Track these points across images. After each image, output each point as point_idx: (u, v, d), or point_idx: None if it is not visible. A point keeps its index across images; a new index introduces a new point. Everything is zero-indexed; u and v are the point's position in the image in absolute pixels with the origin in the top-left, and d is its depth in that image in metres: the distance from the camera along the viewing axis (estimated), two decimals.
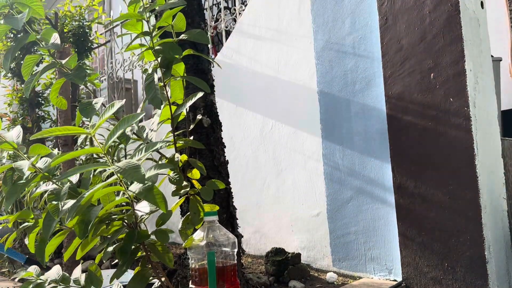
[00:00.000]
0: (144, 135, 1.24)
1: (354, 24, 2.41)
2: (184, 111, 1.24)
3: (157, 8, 1.13)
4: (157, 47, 1.13)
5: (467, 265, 1.90)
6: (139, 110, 1.26)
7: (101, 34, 4.64)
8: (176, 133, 1.22)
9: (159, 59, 1.15)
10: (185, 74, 1.23)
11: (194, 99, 1.16)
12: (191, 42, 1.97)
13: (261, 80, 2.94)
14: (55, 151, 1.15)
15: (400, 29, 2.13)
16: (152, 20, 1.16)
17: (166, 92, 1.17)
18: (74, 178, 1.08)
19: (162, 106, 1.20)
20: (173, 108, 1.20)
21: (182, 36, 1.16)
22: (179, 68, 1.19)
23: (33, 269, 1.26)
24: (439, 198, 1.98)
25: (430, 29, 2.02)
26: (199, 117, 1.26)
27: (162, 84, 1.17)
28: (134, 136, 1.17)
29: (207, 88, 1.20)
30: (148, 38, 1.14)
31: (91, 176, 1.11)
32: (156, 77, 1.11)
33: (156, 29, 1.13)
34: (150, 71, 1.13)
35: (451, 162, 1.95)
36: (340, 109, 2.47)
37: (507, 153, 2.19)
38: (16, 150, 1.02)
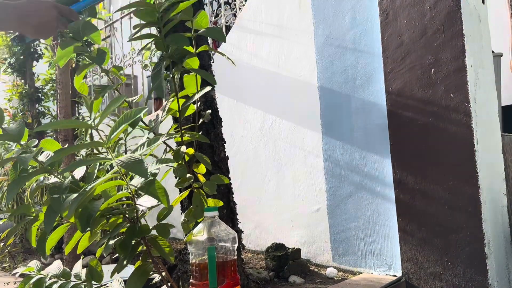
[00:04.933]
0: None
1: (354, 19, 2.40)
2: (194, 106, 1.24)
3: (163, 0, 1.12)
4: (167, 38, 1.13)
5: (467, 261, 1.90)
6: (143, 105, 1.26)
7: (101, 30, 4.63)
8: (179, 128, 1.22)
9: (169, 50, 1.14)
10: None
11: (202, 92, 1.16)
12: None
13: (261, 75, 2.94)
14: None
15: (401, 25, 2.12)
16: None
17: (175, 84, 1.16)
18: (80, 173, 1.08)
19: (171, 99, 1.20)
20: (181, 101, 1.19)
21: (200, 32, 1.17)
22: (193, 63, 1.18)
23: (34, 264, 1.26)
24: (439, 193, 1.99)
25: (430, 24, 2.01)
26: (208, 112, 1.26)
27: (169, 75, 1.17)
28: (142, 124, 1.17)
29: (214, 81, 1.21)
30: (153, 29, 1.14)
31: (96, 170, 1.11)
32: (163, 67, 1.11)
33: (163, 23, 1.13)
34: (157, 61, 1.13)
35: (451, 158, 1.95)
36: (340, 105, 2.47)
37: (507, 148, 2.19)
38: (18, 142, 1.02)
